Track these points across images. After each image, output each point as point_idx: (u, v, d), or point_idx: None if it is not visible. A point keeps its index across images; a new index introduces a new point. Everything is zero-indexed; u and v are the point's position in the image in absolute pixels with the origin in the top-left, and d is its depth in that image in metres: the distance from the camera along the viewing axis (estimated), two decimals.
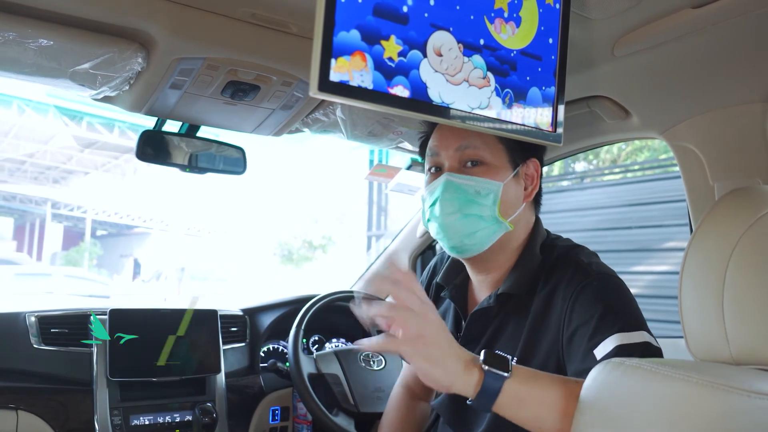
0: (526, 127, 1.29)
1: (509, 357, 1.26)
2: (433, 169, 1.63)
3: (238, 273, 24.74)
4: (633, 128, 1.94)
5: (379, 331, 1.24)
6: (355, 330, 2.79)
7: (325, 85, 1.01)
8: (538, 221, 1.69)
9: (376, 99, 1.07)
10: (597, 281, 1.44)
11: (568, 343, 1.41)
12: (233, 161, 2.16)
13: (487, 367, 1.21)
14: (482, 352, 1.24)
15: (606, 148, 11.38)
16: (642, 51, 1.56)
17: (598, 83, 1.79)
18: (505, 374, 1.21)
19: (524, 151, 1.61)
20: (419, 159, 2.46)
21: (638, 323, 1.36)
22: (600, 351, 1.32)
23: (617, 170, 11.22)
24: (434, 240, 2.91)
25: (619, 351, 1.29)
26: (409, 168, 2.55)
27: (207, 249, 26.91)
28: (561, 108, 1.34)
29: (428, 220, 1.61)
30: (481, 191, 1.53)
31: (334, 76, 1.01)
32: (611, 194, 8.23)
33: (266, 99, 1.85)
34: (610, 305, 1.38)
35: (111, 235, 28.23)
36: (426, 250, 3.00)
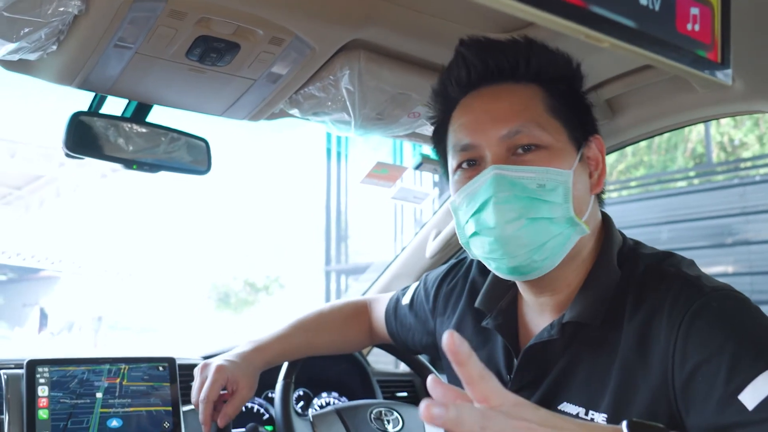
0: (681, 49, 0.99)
1: None
2: (465, 164, 1.44)
3: (166, 321, 24.74)
4: (734, 98, 1.77)
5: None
6: (350, 380, 2.63)
7: None
8: (608, 221, 1.53)
9: None
10: (717, 301, 1.28)
11: (685, 387, 1.24)
12: (194, 157, 2.00)
13: None
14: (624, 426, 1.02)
15: None
16: None
17: None
18: None
19: (584, 125, 1.45)
20: (429, 155, 2.24)
21: None
22: (750, 396, 1.14)
23: (611, 188, 11.38)
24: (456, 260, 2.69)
25: None
26: (418, 167, 2.32)
27: (128, 294, 26.84)
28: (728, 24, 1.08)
29: (473, 235, 1.41)
30: (547, 184, 1.35)
31: None
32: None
33: (246, 64, 1.69)
34: (746, 332, 1.23)
35: (12, 280, 28.04)
36: None
